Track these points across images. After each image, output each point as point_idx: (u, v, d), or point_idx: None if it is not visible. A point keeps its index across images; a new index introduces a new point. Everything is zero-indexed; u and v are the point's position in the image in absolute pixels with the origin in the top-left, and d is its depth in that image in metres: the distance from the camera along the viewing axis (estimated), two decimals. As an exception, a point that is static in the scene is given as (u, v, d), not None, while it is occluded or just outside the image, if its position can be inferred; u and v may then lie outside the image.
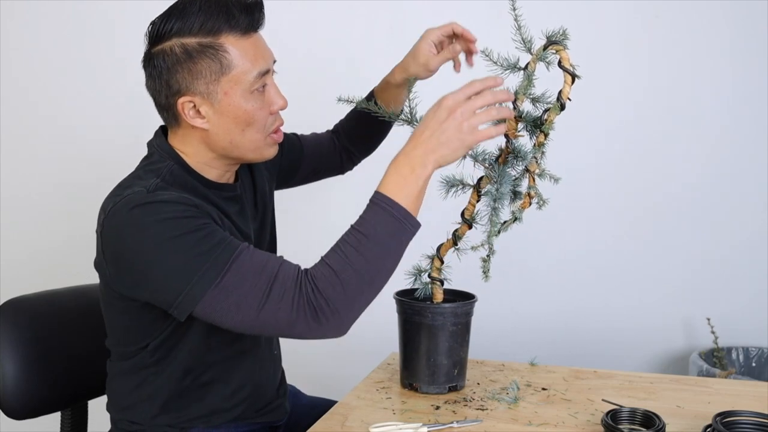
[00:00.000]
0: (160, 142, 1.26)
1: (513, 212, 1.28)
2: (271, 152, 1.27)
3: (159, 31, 1.18)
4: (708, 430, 1.12)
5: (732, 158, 2.09)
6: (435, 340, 1.36)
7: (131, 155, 1.35)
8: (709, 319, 2.09)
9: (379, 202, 1.12)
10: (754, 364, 2.08)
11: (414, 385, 1.39)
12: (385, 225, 1.11)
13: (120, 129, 2.37)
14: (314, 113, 2.25)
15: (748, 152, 2.08)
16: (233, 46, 1.17)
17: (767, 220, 2.08)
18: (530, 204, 1.29)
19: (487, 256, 1.34)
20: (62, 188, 2.49)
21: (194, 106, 1.19)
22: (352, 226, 1.13)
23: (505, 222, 1.29)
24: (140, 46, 1.25)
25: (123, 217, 1.12)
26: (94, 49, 2.40)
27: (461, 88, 1.15)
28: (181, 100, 1.18)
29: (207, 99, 1.18)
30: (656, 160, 2.13)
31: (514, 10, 1.21)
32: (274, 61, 1.25)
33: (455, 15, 2.18)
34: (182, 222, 1.10)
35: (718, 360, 2.04)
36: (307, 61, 2.27)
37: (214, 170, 1.26)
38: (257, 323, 1.09)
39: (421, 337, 1.37)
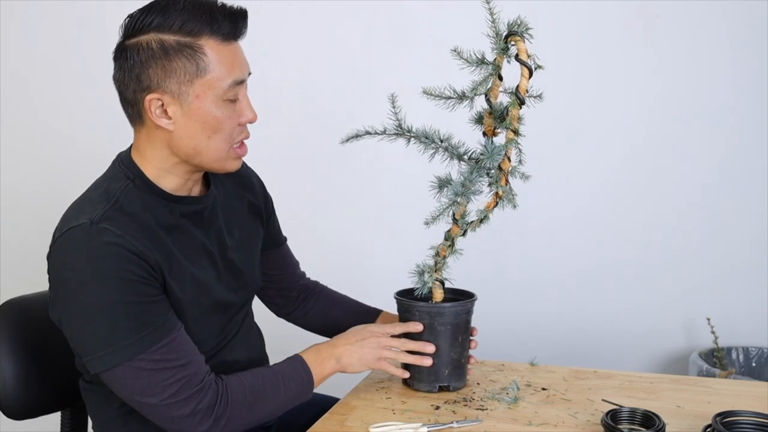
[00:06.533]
0: (125, 154, 1.24)
1: (479, 212, 1.27)
2: (233, 165, 1.24)
3: (136, 24, 1.15)
4: (708, 430, 1.12)
5: (732, 158, 2.09)
6: (435, 340, 1.36)
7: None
8: (709, 319, 2.09)
9: (298, 363, 1.27)
10: (754, 364, 2.08)
11: (414, 385, 1.39)
12: (298, 385, 1.25)
13: (120, 129, 2.36)
14: (313, 115, 2.26)
15: (749, 152, 2.08)
16: (212, 50, 1.14)
17: (767, 220, 2.08)
18: (496, 204, 1.27)
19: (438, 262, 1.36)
20: (62, 188, 2.48)
21: (162, 105, 1.15)
22: (271, 367, 1.26)
23: (471, 222, 1.30)
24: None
25: (64, 256, 1.12)
26: (94, 50, 2.40)
27: (388, 324, 1.38)
28: (149, 97, 1.15)
29: (177, 99, 1.15)
30: (656, 161, 2.13)
31: (488, 2, 1.19)
32: (249, 74, 1.23)
33: (455, 15, 2.19)
34: (122, 285, 1.09)
35: (718, 360, 2.04)
36: (307, 64, 2.27)
37: (175, 178, 1.22)
38: (152, 411, 1.13)
39: (421, 337, 1.37)
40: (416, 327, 1.35)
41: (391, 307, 1.45)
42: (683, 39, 2.08)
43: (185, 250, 1.22)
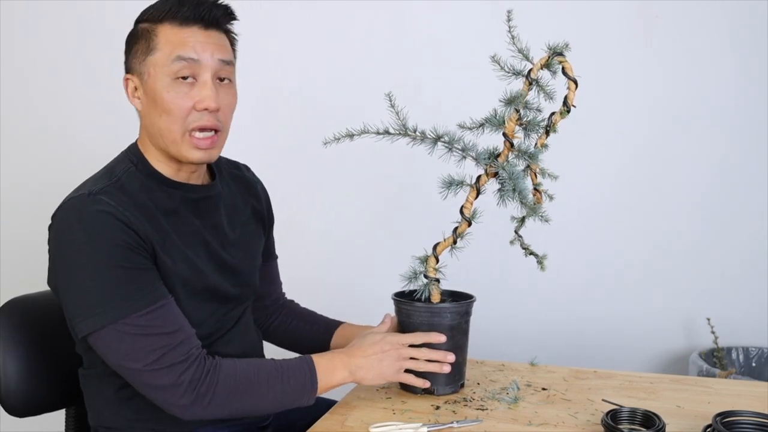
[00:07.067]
0: (133, 142, 1.31)
1: (530, 207, 1.29)
2: (192, 155, 1.24)
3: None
4: (708, 430, 1.12)
5: (732, 158, 2.09)
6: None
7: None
8: (709, 319, 2.09)
9: (306, 365, 1.24)
10: (754, 364, 2.08)
11: (438, 391, 1.37)
12: (298, 385, 1.22)
13: (120, 129, 2.36)
14: (313, 116, 2.26)
15: (749, 152, 2.08)
16: (166, 31, 1.22)
17: (767, 220, 2.08)
18: (542, 199, 1.32)
19: (526, 248, 1.37)
20: (63, 188, 2.48)
21: (135, 87, 1.26)
22: (275, 361, 1.24)
23: (523, 217, 1.33)
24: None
25: (61, 223, 1.17)
26: (94, 50, 2.40)
27: (409, 334, 1.33)
28: (124, 77, 1.27)
29: (139, 78, 1.24)
30: (656, 162, 2.13)
31: (509, 21, 1.24)
32: (228, 63, 1.26)
33: (456, 16, 2.19)
34: (112, 250, 1.13)
35: (718, 360, 2.04)
36: (307, 63, 2.27)
37: (165, 166, 1.27)
38: (135, 378, 1.15)
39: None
40: (439, 338, 1.33)
41: (390, 310, 1.45)
42: (683, 39, 2.08)
43: (181, 234, 1.25)
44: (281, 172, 2.27)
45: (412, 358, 1.31)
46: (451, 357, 1.33)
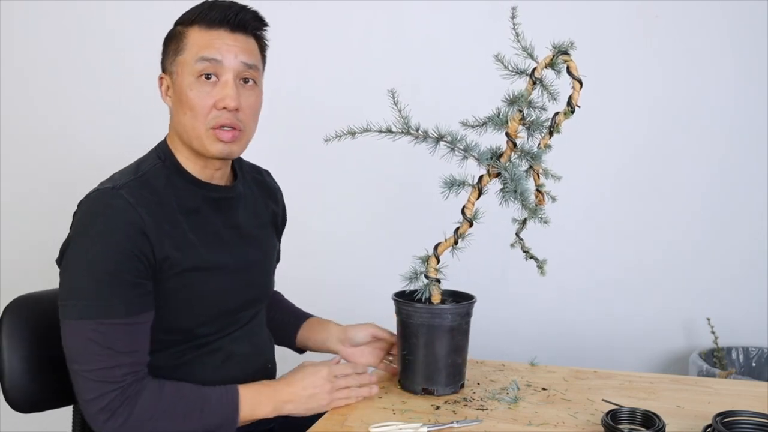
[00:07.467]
0: (163, 139, 1.33)
1: (530, 210, 1.29)
2: (214, 148, 1.27)
3: None
4: (708, 430, 1.12)
5: (732, 158, 2.09)
6: (433, 341, 1.36)
7: (131, 155, 1.36)
8: (709, 319, 2.09)
9: (230, 397, 1.23)
10: (754, 364, 2.08)
11: (438, 392, 1.38)
12: (219, 418, 1.22)
13: (120, 129, 2.37)
14: (312, 116, 2.25)
15: (749, 152, 2.08)
16: (194, 33, 1.26)
17: (767, 220, 2.08)
18: (545, 201, 1.31)
19: (527, 251, 1.37)
20: (63, 188, 2.48)
21: (168, 86, 1.30)
22: (201, 389, 1.23)
23: (524, 220, 1.32)
24: (141, 46, 1.27)
25: (81, 214, 1.21)
26: (94, 50, 2.40)
27: (340, 365, 1.35)
28: (159, 76, 1.31)
29: (170, 77, 1.29)
30: (656, 162, 2.13)
31: (513, 18, 1.24)
32: (252, 66, 1.29)
33: (454, 16, 2.19)
34: (110, 253, 1.16)
35: (718, 360, 2.04)
36: (306, 64, 2.27)
37: (192, 164, 1.30)
38: (75, 379, 1.18)
39: (419, 339, 1.37)
40: (371, 391, 1.35)
41: (390, 310, 1.45)
42: (683, 39, 2.08)
43: (200, 234, 1.27)
44: (280, 173, 2.26)
45: (343, 388, 1.33)
46: (374, 378, 1.37)
